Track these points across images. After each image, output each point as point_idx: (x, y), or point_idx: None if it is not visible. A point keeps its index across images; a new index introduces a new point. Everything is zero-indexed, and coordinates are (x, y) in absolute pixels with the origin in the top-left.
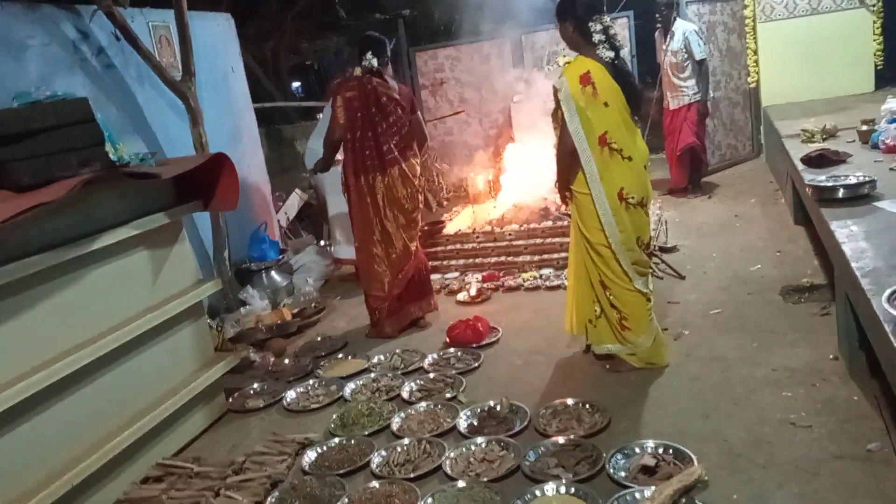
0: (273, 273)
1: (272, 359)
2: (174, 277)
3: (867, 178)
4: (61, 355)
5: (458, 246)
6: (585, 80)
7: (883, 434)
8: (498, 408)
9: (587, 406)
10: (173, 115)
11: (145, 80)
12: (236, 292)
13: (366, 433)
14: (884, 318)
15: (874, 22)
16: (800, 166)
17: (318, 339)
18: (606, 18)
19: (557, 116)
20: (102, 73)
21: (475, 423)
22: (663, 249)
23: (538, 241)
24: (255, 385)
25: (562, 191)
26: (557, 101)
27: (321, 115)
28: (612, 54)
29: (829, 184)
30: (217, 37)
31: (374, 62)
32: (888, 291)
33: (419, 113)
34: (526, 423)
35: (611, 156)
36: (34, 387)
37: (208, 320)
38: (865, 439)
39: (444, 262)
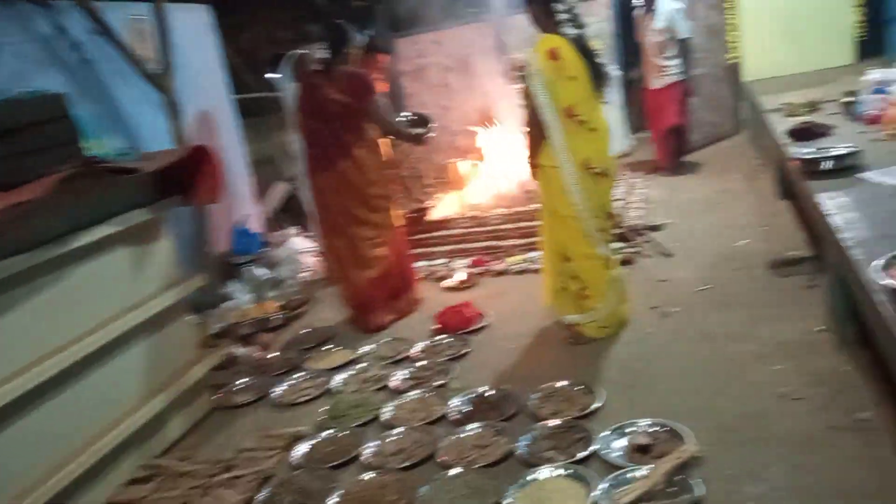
0: (257, 266)
1: (258, 353)
2: (156, 274)
3: (852, 149)
4: (43, 357)
5: (444, 232)
6: (553, 54)
7: (874, 403)
8: (489, 393)
9: (579, 387)
10: (153, 109)
11: (123, 74)
12: (220, 287)
13: (356, 424)
14: (876, 287)
15: None
16: (783, 140)
17: (305, 331)
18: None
19: (525, 91)
20: (79, 68)
21: (467, 410)
22: (651, 228)
23: (525, 224)
24: (242, 381)
25: (532, 163)
26: (526, 76)
27: None
28: (576, 31)
29: (816, 156)
30: (195, 29)
31: (324, 52)
32: (880, 260)
33: (377, 98)
34: (518, 407)
35: (577, 127)
36: (17, 390)
37: (192, 316)
38: (857, 409)
39: (431, 249)
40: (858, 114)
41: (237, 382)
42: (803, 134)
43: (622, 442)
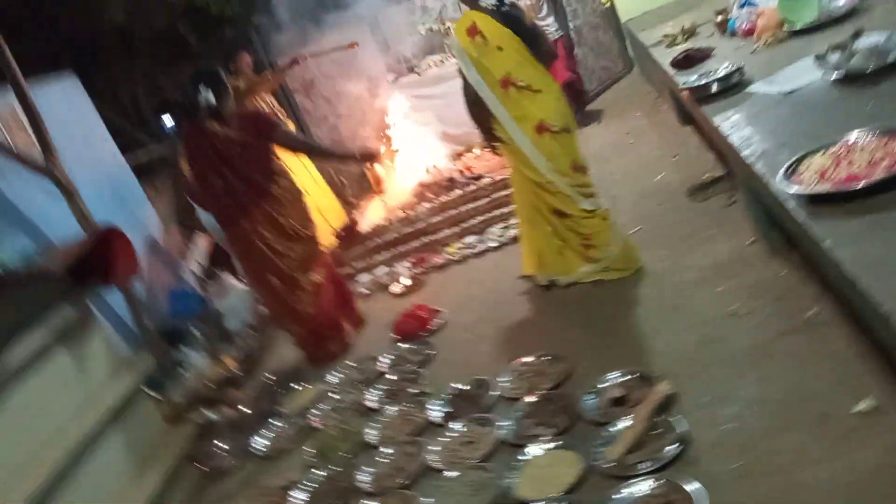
0: (202, 325)
1: (230, 412)
2: (100, 365)
3: (735, 67)
4: (8, 487)
5: (378, 240)
6: (473, 31)
7: (815, 299)
8: (465, 388)
9: (546, 358)
10: (47, 196)
11: (4, 170)
12: (171, 357)
13: (346, 456)
14: (783, 196)
15: None
16: (671, 71)
17: (269, 377)
18: None
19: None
20: None
21: (448, 411)
22: None
23: (453, 212)
24: (222, 444)
25: (487, 137)
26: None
27: None
28: (493, 1)
29: (702, 81)
30: (66, 101)
31: (211, 97)
32: (782, 170)
33: (282, 127)
34: (496, 393)
35: (519, 94)
36: None
37: (152, 393)
38: (802, 309)
39: (370, 260)
40: (733, 30)
41: (218, 446)
42: (686, 62)
43: (599, 400)
